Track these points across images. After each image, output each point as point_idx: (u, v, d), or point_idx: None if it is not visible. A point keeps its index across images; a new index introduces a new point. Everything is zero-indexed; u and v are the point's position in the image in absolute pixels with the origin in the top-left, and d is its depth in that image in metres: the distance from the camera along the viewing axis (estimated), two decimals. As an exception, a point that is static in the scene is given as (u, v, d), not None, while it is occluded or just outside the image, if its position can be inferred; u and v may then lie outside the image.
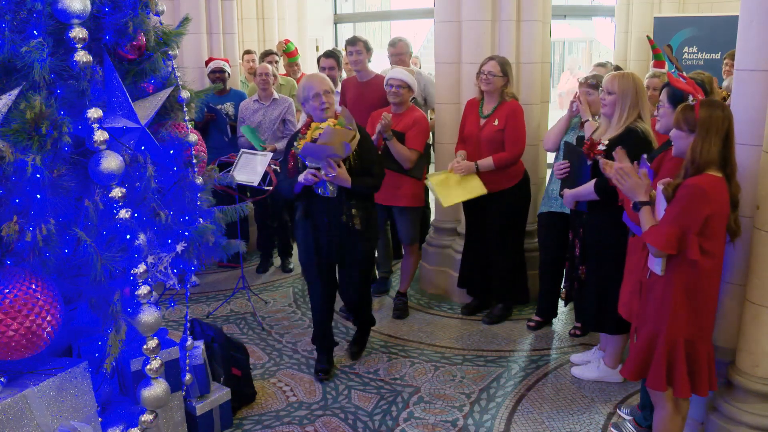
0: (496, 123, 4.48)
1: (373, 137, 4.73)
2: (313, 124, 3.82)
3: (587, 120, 4.14)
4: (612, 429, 3.49)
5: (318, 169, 3.75)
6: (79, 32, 2.18)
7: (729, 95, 4.05)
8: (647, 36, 6.21)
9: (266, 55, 7.04)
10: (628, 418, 3.52)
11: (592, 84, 4.22)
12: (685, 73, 3.24)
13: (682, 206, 2.61)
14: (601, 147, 3.65)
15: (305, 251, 4.06)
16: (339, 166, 3.73)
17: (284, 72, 7.23)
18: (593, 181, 3.69)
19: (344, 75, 6.27)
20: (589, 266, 3.87)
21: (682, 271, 2.68)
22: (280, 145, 5.69)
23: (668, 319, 2.72)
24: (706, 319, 2.78)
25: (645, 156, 3.10)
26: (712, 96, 3.23)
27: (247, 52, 7.51)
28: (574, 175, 3.90)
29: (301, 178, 3.80)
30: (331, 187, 3.79)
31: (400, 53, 5.53)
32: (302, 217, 3.98)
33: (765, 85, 2.74)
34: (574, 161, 3.91)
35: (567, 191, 3.90)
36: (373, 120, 4.84)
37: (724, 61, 5.57)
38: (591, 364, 4.05)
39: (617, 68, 5.61)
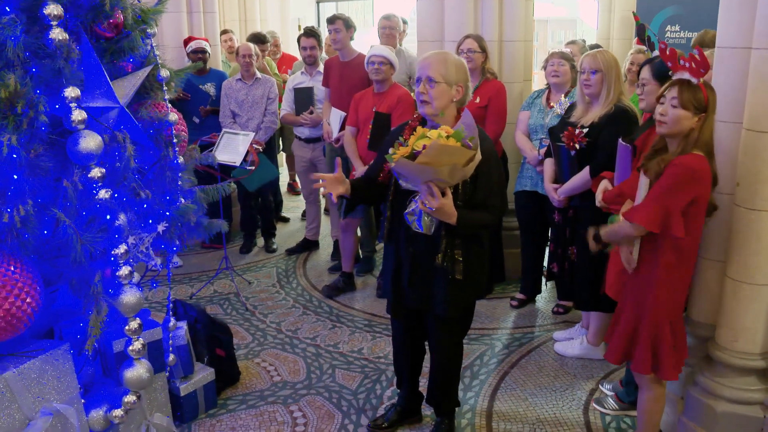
0: (478, 101, 4.47)
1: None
2: (420, 129, 2.72)
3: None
4: (594, 405, 3.54)
5: (415, 192, 2.76)
6: (54, 9, 2.13)
7: None
8: (633, 12, 6.21)
9: (258, 41, 6.70)
10: (610, 393, 3.57)
11: (564, 55, 4.25)
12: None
13: (670, 185, 2.56)
14: (583, 131, 3.64)
15: (385, 281, 3.15)
16: (444, 194, 2.67)
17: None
18: (585, 170, 3.65)
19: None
20: (580, 247, 3.81)
21: (663, 252, 2.68)
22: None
23: (651, 301, 2.71)
24: (683, 299, 2.81)
25: (621, 139, 3.09)
26: None
27: (224, 32, 7.37)
28: (560, 170, 3.88)
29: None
30: (426, 220, 2.75)
31: (393, 27, 5.56)
32: (386, 239, 3.03)
33: (745, 63, 2.74)
34: (557, 155, 3.88)
35: (558, 188, 3.86)
36: (356, 102, 4.79)
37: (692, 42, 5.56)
38: (574, 341, 4.09)
39: (595, 46, 5.62)
